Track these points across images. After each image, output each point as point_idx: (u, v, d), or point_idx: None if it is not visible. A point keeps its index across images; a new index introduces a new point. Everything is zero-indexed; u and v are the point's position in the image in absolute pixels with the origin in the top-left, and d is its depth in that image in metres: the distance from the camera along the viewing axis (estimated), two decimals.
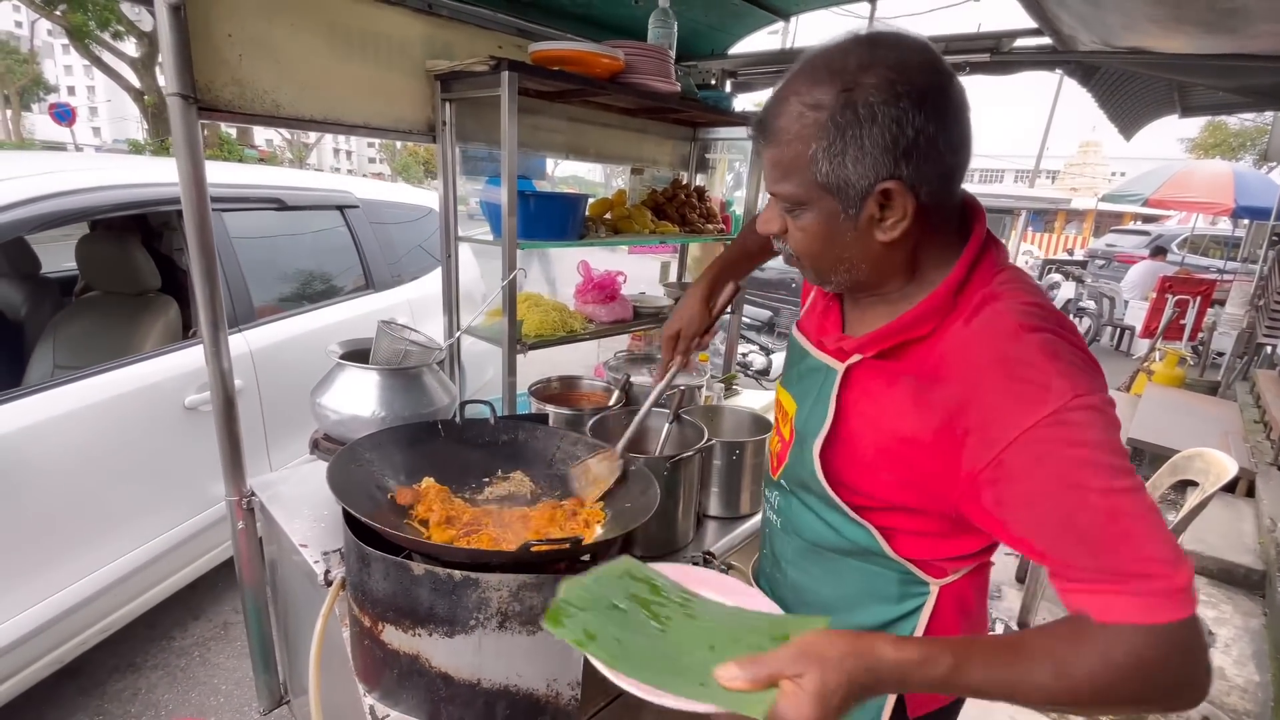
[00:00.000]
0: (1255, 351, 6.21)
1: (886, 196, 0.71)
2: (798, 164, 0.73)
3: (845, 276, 0.80)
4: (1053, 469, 0.65)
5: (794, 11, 2.47)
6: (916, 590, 0.88)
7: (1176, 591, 0.61)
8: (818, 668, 0.61)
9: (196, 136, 1.34)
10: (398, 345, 1.52)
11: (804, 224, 0.77)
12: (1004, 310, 0.73)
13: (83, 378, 1.98)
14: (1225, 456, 2.46)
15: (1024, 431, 0.66)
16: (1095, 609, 0.64)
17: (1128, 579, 0.62)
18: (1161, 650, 0.61)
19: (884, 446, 0.80)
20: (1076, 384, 0.67)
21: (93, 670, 2.29)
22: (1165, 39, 1.48)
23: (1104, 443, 0.65)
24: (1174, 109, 3.42)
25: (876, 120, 0.68)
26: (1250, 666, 2.70)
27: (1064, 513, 0.65)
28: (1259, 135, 17.26)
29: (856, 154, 0.69)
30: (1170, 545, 0.63)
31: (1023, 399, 0.67)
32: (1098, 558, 0.64)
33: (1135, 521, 0.63)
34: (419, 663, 0.92)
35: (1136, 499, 0.64)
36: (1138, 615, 0.62)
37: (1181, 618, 0.61)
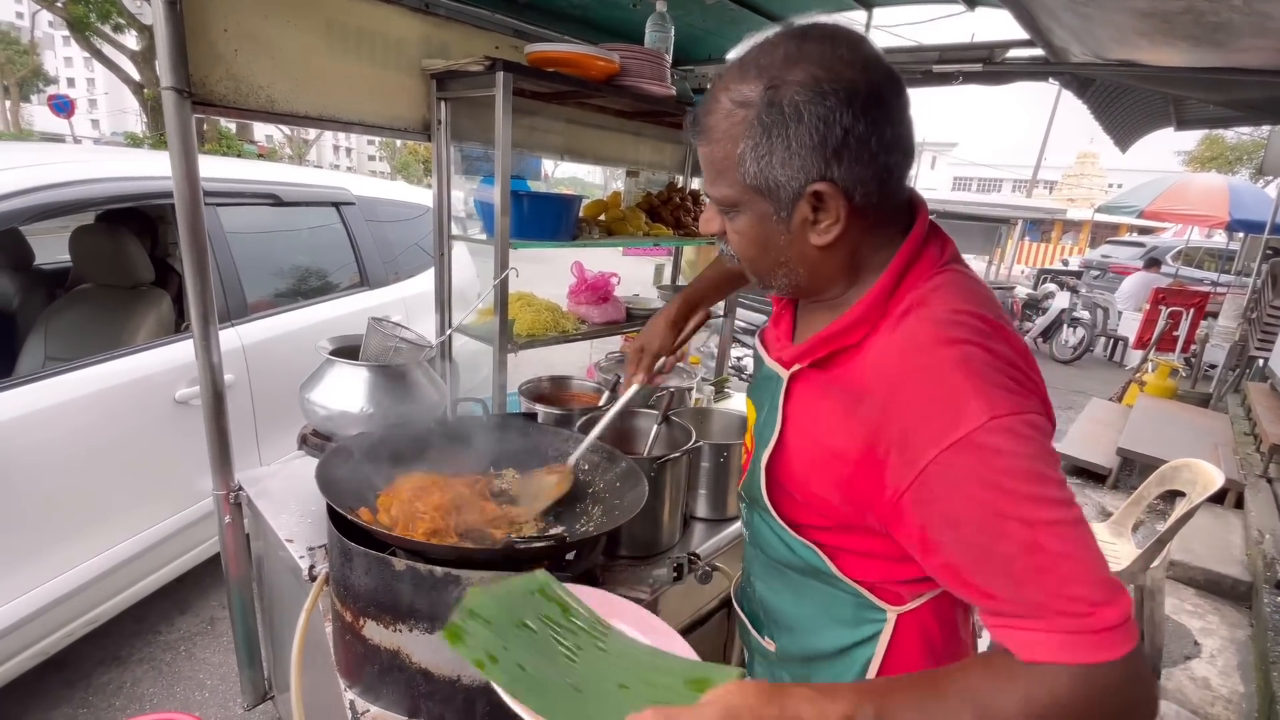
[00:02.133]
0: (1247, 364, 6.25)
1: (818, 199, 0.68)
2: (727, 164, 0.70)
3: (785, 280, 0.78)
4: (970, 495, 0.61)
5: (790, 18, 2.49)
6: (872, 616, 0.84)
7: (1104, 630, 0.57)
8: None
9: (190, 130, 1.34)
10: (388, 342, 1.52)
11: (739, 226, 0.75)
12: (925, 319, 0.68)
13: (74, 369, 1.98)
14: (1212, 467, 2.48)
15: (939, 453, 0.62)
16: (1018, 646, 0.60)
17: (1051, 616, 0.58)
18: (1086, 691, 0.57)
19: (818, 460, 0.76)
20: (994, 404, 0.62)
21: (78, 663, 2.28)
22: (1155, 52, 1.50)
23: (1022, 469, 0.61)
24: (1169, 122, 3.45)
25: (803, 119, 0.64)
26: (1235, 677, 2.72)
27: (984, 541, 0.61)
28: (1255, 149, 17.37)
29: (784, 154, 0.66)
30: (1099, 581, 0.58)
31: (934, 420, 0.63)
32: (1019, 590, 0.60)
33: (1059, 555, 0.59)
34: (399, 658, 0.92)
35: (1061, 530, 0.60)
36: (1061, 654, 0.58)
37: (1110, 659, 0.57)
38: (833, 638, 0.87)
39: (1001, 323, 0.70)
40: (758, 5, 2.28)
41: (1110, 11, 1.23)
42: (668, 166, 2.71)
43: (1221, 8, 1.07)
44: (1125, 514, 2.85)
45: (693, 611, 1.61)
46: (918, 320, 0.69)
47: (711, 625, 1.67)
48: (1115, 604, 0.58)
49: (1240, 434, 4.94)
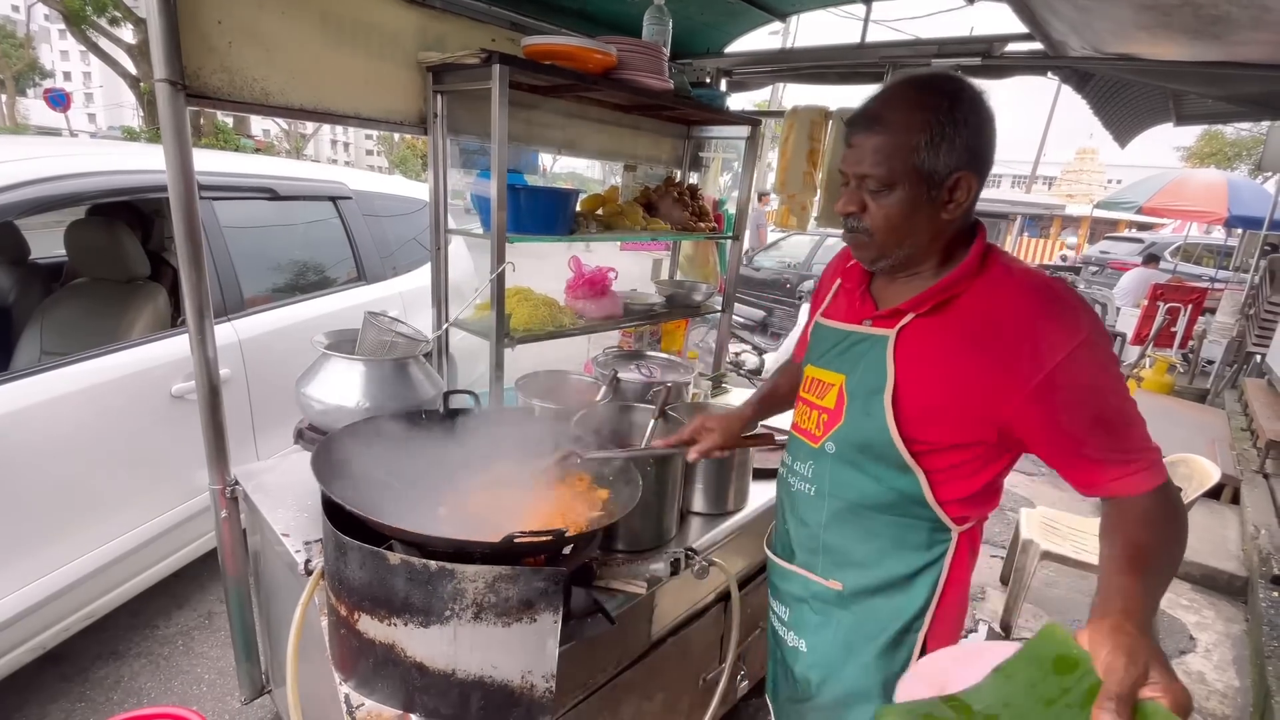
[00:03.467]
0: (1244, 360, 6.26)
1: (957, 183, 0.94)
2: (902, 150, 0.93)
3: (904, 252, 1.00)
4: (1088, 377, 0.89)
5: (790, 11, 2.47)
6: (942, 537, 1.06)
7: (1160, 461, 0.90)
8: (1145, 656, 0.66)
9: (184, 123, 1.34)
10: (384, 337, 1.52)
11: (889, 202, 0.96)
12: (1028, 271, 0.97)
13: (70, 364, 1.97)
14: (1208, 462, 2.48)
15: (1068, 353, 0.88)
16: (1125, 488, 0.89)
17: (1137, 456, 0.88)
18: (1172, 498, 0.89)
19: (938, 389, 0.97)
20: (1093, 319, 0.91)
21: (75, 657, 2.28)
22: (1154, 46, 1.49)
23: (1113, 360, 0.91)
24: (1169, 117, 3.44)
25: (967, 125, 0.92)
26: (1231, 672, 2.73)
27: (1096, 408, 0.89)
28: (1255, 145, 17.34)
29: (949, 148, 0.92)
30: (1148, 433, 0.91)
31: (1063, 329, 0.89)
32: (1118, 440, 0.89)
33: (1134, 416, 0.90)
34: (394, 652, 0.92)
35: (1132, 400, 0.91)
36: (1151, 483, 0.88)
37: (1169, 478, 0.90)
38: (907, 562, 1.08)
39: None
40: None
41: (1108, 5, 1.22)
42: (665, 161, 2.70)
43: (1219, 1, 1.07)
44: None
45: (690, 606, 1.61)
46: (1023, 272, 0.97)
47: (709, 619, 1.68)
48: (1157, 446, 0.91)
49: (1237, 430, 4.95)
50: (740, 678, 1.93)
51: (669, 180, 2.51)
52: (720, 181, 3.16)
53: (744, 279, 7.73)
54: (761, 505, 1.77)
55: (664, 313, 2.43)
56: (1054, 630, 0.70)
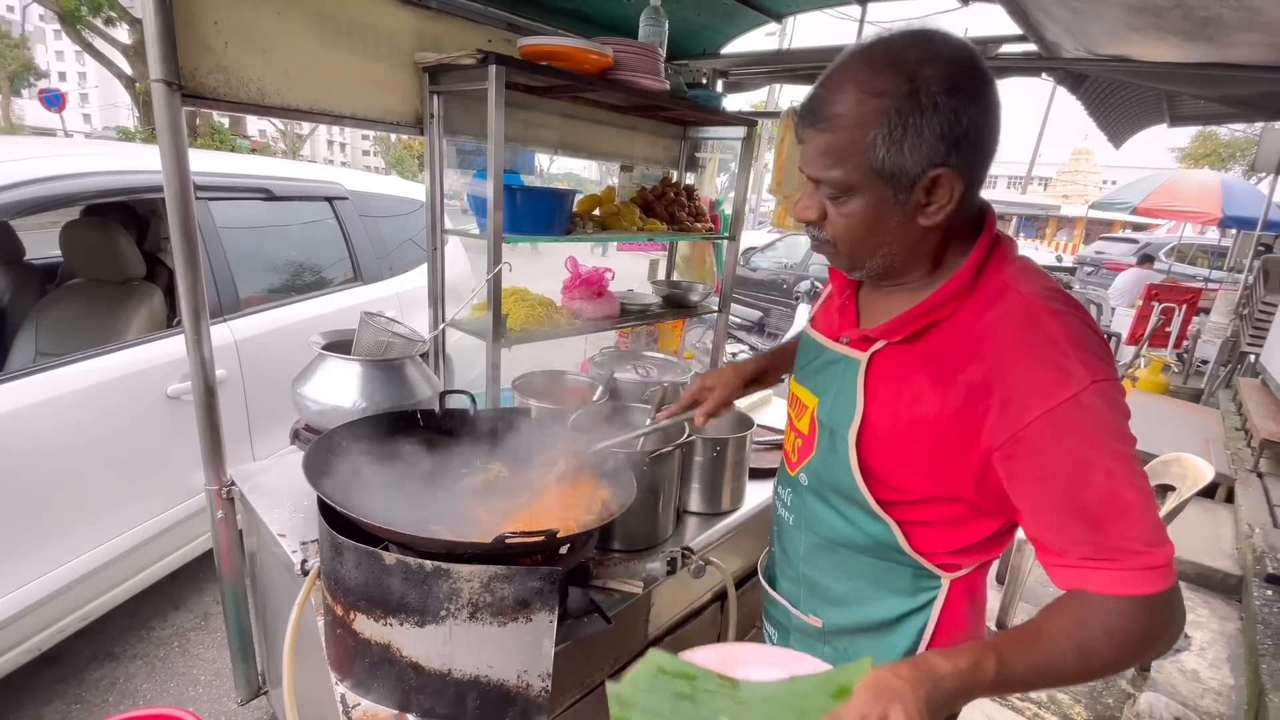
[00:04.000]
0: (1238, 360, 6.29)
1: (935, 183, 0.74)
2: (853, 149, 0.74)
3: (879, 263, 0.83)
4: (1066, 448, 0.71)
5: (786, 12, 2.48)
6: (928, 584, 0.92)
7: (1160, 567, 0.69)
8: (898, 702, 0.64)
9: (180, 123, 1.33)
10: (380, 337, 1.52)
11: (849, 210, 0.78)
12: (1027, 294, 0.77)
13: (65, 364, 1.97)
14: (1202, 462, 2.49)
15: (1045, 412, 0.71)
16: (1092, 584, 0.71)
17: (1120, 555, 0.70)
18: (1148, 616, 0.70)
19: (905, 431, 0.82)
20: (1094, 369, 0.71)
21: (71, 658, 2.27)
22: (1147, 47, 1.50)
23: (1112, 428, 0.71)
24: (1163, 118, 3.46)
25: (938, 109, 0.70)
26: (1225, 670, 2.74)
27: (1071, 490, 0.71)
28: (1249, 146, 17.43)
29: (915, 141, 0.72)
30: (1156, 526, 0.70)
31: (1046, 381, 0.71)
32: (1094, 534, 0.71)
33: (1129, 504, 0.70)
34: (390, 652, 0.92)
35: (1133, 482, 0.70)
36: (1127, 588, 0.69)
37: (1162, 589, 0.69)
38: (887, 607, 0.94)
39: (1076, 300, 0.78)
40: (752, 0, 2.28)
41: (1101, 6, 1.23)
42: (662, 161, 2.70)
43: (1211, 2, 1.08)
44: None
45: (686, 605, 1.62)
46: (1019, 295, 0.77)
47: (705, 619, 1.68)
48: (1166, 545, 0.70)
49: (1231, 429, 4.98)
50: None
51: (665, 181, 2.51)
52: (717, 182, 3.17)
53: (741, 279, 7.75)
54: (758, 504, 1.77)
55: (661, 313, 2.43)
56: (864, 664, 0.69)
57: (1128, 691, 2.54)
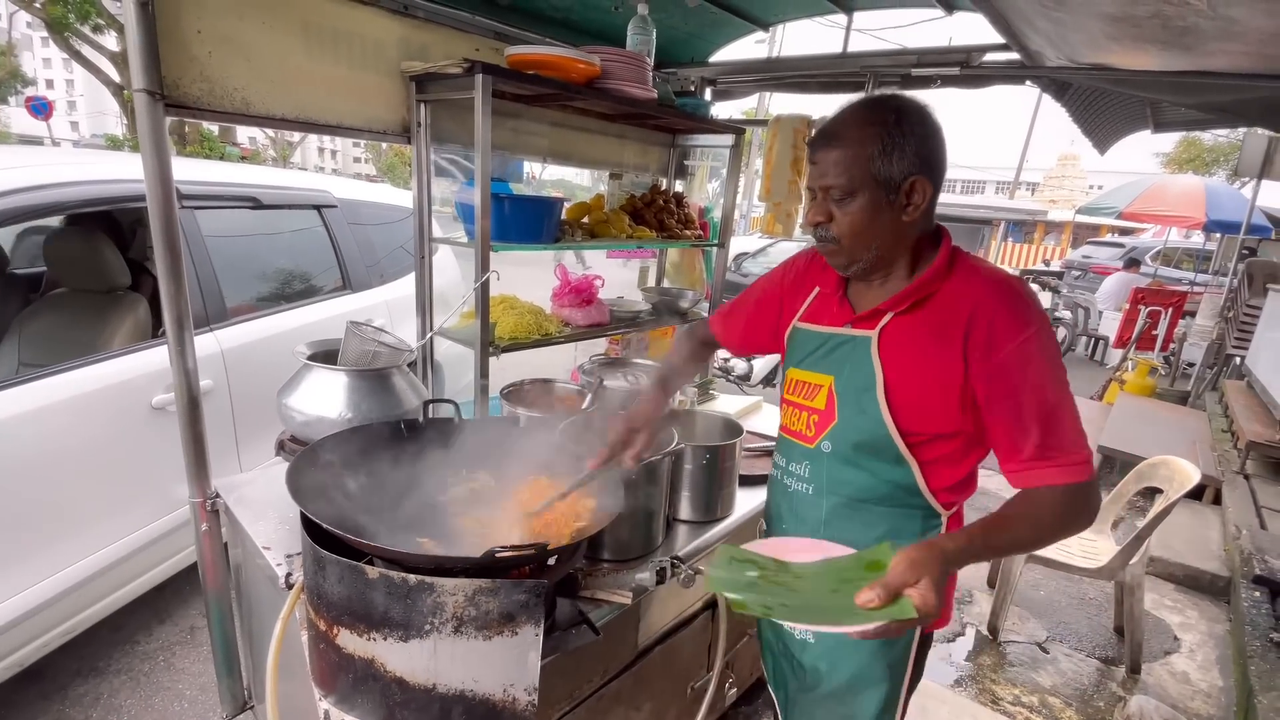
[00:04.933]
0: (1224, 362, 6.35)
1: (913, 187, 1.02)
2: (859, 159, 1.01)
3: (874, 254, 1.07)
4: (1028, 372, 0.98)
5: (773, 21, 2.50)
6: (934, 522, 1.14)
7: (1084, 462, 0.98)
8: (925, 570, 0.89)
9: (163, 133, 1.33)
10: (367, 346, 1.51)
11: (852, 209, 1.04)
12: (993, 269, 1.08)
13: (48, 375, 1.94)
14: (1189, 464, 2.51)
15: (1015, 345, 0.98)
16: (1040, 480, 0.98)
17: (1058, 453, 0.97)
18: (1077, 498, 0.99)
19: (919, 381, 1.05)
20: (1043, 316, 1.01)
21: (54, 673, 2.23)
22: (1127, 56, 1.52)
23: (1056, 356, 1.00)
24: (1146, 124, 3.49)
25: (914, 135, 1.00)
26: (1214, 671, 2.75)
27: (1030, 404, 0.98)
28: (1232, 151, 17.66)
29: (900, 156, 1.00)
30: (1082, 432, 0.99)
31: (1015, 320, 0.99)
32: (1045, 436, 0.97)
33: (1066, 413, 0.98)
34: (374, 667, 0.91)
35: (1069, 399, 1.00)
36: (1064, 478, 0.97)
37: (1089, 478, 0.98)
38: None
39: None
40: (739, 9, 2.30)
41: (1081, 16, 1.24)
42: (652, 169, 2.71)
43: (1187, 12, 1.09)
44: (1105, 511, 2.88)
45: (677, 614, 1.61)
46: (988, 270, 1.07)
47: (696, 627, 1.68)
48: (1088, 446, 1.00)
49: (1218, 431, 5.02)
50: (728, 685, 1.93)
51: (655, 188, 2.52)
52: (707, 189, 3.18)
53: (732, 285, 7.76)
54: (748, 512, 1.77)
55: (651, 320, 2.43)
56: (885, 548, 0.95)
57: (1119, 695, 2.55)
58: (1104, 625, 3.02)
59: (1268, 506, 3.77)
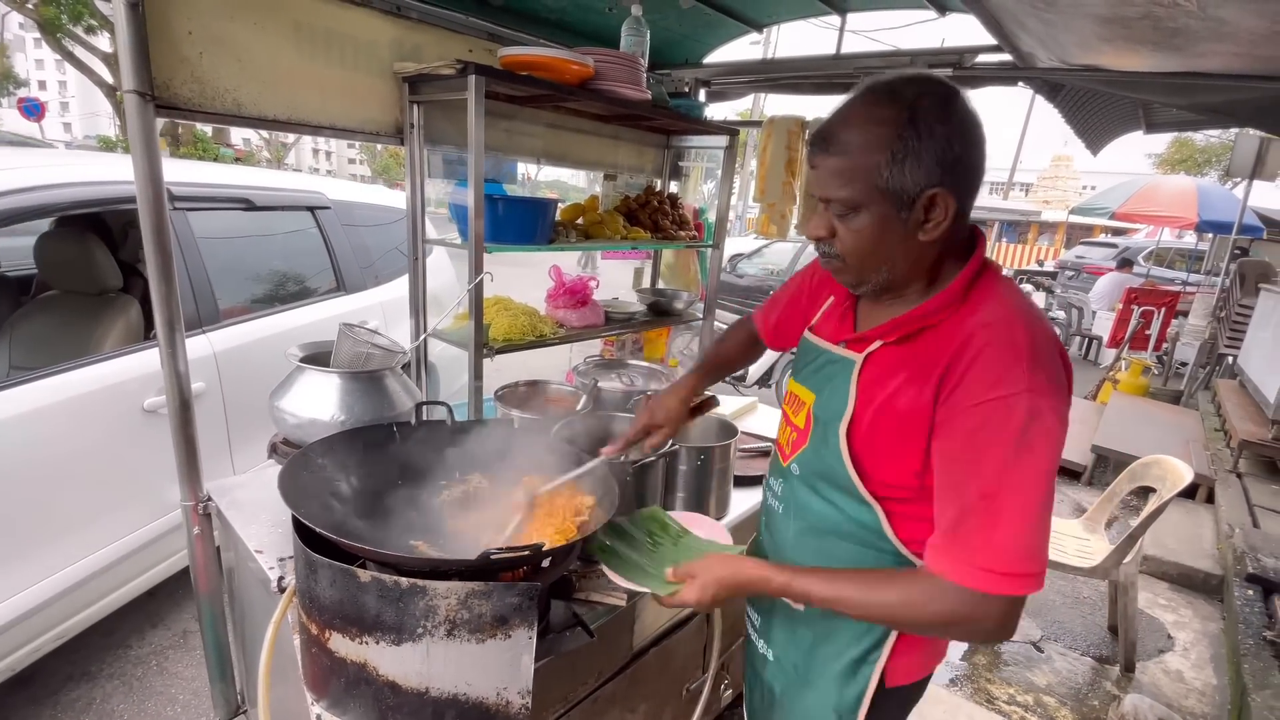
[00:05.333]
0: (1217, 362, 6.39)
1: (932, 201, 0.83)
2: (861, 170, 0.84)
3: (883, 276, 0.91)
4: (978, 440, 0.80)
5: (767, 22, 2.50)
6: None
7: (1008, 575, 0.77)
8: (705, 572, 0.97)
9: (153, 134, 1.32)
10: (360, 348, 1.50)
11: (857, 226, 0.88)
12: (1007, 304, 0.87)
13: (39, 378, 1.93)
14: (1181, 463, 2.52)
15: (976, 404, 0.80)
16: (940, 566, 0.82)
17: (975, 550, 0.78)
18: (973, 610, 0.79)
19: (888, 424, 0.90)
20: (1036, 384, 0.78)
21: (45, 679, 2.22)
22: (1118, 57, 1.53)
23: (1024, 439, 0.77)
24: (1139, 125, 3.51)
25: (934, 136, 0.81)
26: (1208, 670, 2.77)
27: (964, 476, 0.81)
28: (1224, 151, 17.78)
29: (914, 163, 0.81)
30: (1030, 546, 0.77)
31: (989, 378, 0.80)
32: (965, 520, 0.80)
33: (1013, 513, 0.77)
34: (366, 671, 0.90)
35: (1026, 500, 0.77)
36: (967, 580, 0.79)
37: (999, 592, 0.78)
38: None
39: (1047, 323, 0.87)
40: (733, 10, 2.30)
41: (1071, 17, 1.25)
42: (646, 170, 2.71)
43: (1178, 13, 1.10)
44: (1099, 510, 2.89)
45: (671, 616, 1.61)
46: (999, 304, 0.87)
47: (690, 628, 1.67)
48: (1030, 563, 0.77)
49: (1211, 430, 5.05)
50: (724, 687, 1.93)
51: (649, 189, 2.52)
52: (702, 190, 3.18)
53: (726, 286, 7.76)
54: (743, 513, 1.77)
55: (646, 321, 2.43)
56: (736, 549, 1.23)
57: (1113, 693, 2.56)
58: (1098, 624, 3.03)
59: (1260, 505, 3.79)
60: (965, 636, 0.86)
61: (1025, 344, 0.81)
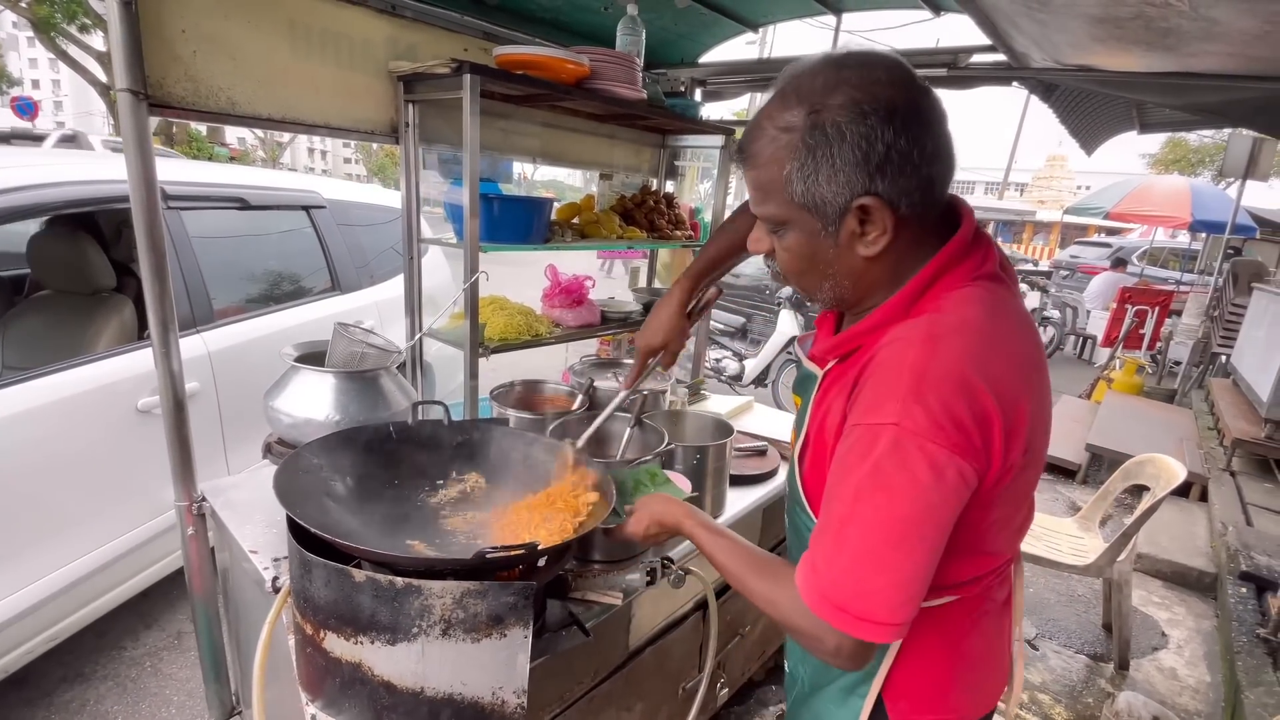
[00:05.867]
0: (1210, 360, 6.42)
1: (865, 212, 0.73)
2: (774, 185, 0.75)
3: (830, 293, 0.83)
4: (847, 462, 0.73)
5: (762, 22, 2.50)
6: None
7: (823, 599, 0.72)
8: (643, 508, 1.11)
9: (146, 133, 1.31)
10: (354, 348, 1.50)
11: (787, 243, 0.80)
12: (928, 320, 0.75)
13: (32, 378, 1.92)
14: (1174, 461, 2.54)
15: (854, 425, 0.74)
16: (799, 572, 0.77)
17: (816, 570, 0.74)
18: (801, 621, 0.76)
19: (817, 444, 0.85)
20: (911, 415, 0.68)
21: (39, 680, 2.21)
22: (1111, 57, 1.53)
23: (880, 474, 0.69)
24: (1132, 125, 3.53)
25: (845, 139, 0.69)
26: (1202, 667, 2.78)
27: (831, 495, 0.75)
28: (1217, 151, 17.88)
29: (829, 173, 0.71)
30: (856, 578, 0.71)
31: (871, 400, 0.73)
32: (819, 536, 0.75)
33: (849, 542, 0.71)
34: (361, 671, 0.90)
35: (865, 534, 0.70)
36: (805, 594, 0.75)
37: (815, 612, 0.73)
38: None
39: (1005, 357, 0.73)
40: (729, 9, 2.30)
41: (1064, 17, 1.25)
42: (642, 169, 2.71)
43: (1169, 13, 1.10)
44: (1093, 508, 2.91)
45: (668, 615, 1.61)
46: (922, 320, 0.75)
47: (687, 627, 1.67)
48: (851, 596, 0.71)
49: (1204, 429, 5.08)
50: (720, 685, 1.93)
51: (645, 189, 2.51)
52: (698, 189, 3.18)
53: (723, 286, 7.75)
54: (738, 512, 1.77)
55: (642, 320, 2.43)
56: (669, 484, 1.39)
57: (1107, 691, 2.57)
58: (1092, 622, 3.04)
59: (1254, 503, 3.81)
60: (809, 651, 0.79)
61: (911, 372, 0.70)
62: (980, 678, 0.96)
